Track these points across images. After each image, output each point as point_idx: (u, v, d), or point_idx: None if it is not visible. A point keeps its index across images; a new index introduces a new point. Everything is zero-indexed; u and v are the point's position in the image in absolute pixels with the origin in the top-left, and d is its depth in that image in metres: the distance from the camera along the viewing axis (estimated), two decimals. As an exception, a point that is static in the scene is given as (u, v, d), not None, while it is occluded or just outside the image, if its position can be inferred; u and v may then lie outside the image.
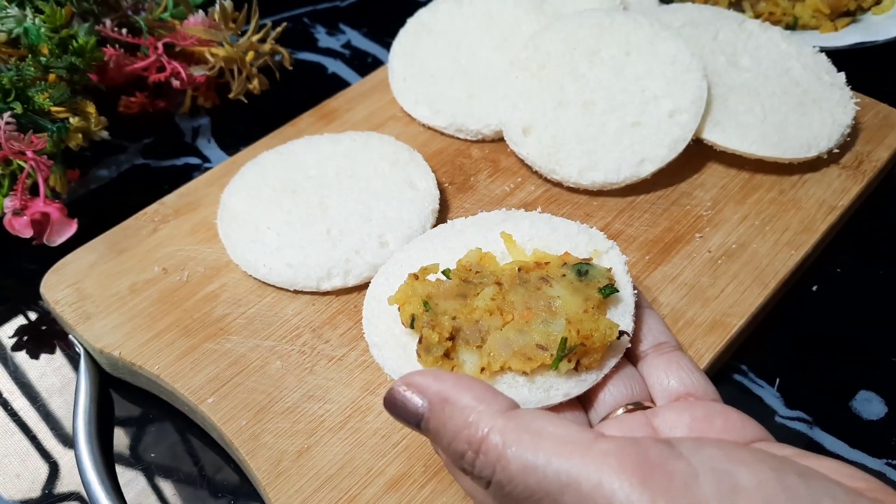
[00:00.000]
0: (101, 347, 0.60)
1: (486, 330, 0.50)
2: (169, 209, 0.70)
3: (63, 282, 0.65)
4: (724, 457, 0.34)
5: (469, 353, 0.49)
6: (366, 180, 0.69)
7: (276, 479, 0.53)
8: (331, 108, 0.80)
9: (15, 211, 0.68)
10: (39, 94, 0.71)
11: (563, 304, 0.50)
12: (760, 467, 0.34)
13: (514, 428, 0.36)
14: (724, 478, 0.33)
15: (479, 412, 0.37)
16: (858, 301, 0.69)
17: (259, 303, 0.64)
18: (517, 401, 0.45)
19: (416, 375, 0.41)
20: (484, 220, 0.60)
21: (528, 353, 0.48)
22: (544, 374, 0.49)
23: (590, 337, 0.48)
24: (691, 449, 0.35)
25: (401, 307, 0.52)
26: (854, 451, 0.60)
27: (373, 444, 0.55)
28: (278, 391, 0.58)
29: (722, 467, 0.33)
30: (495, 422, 0.37)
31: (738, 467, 0.33)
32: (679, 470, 0.33)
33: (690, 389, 0.49)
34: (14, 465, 0.60)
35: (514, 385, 0.49)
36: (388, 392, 0.41)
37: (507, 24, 0.82)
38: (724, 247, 0.67)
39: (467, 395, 0.38)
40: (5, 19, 0.74)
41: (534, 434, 0.36)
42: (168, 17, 0.83)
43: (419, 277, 0.53)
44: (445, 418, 0.38)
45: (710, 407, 0.46)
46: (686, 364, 0.51)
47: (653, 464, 0.33)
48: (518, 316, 0.50)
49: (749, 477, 0.33)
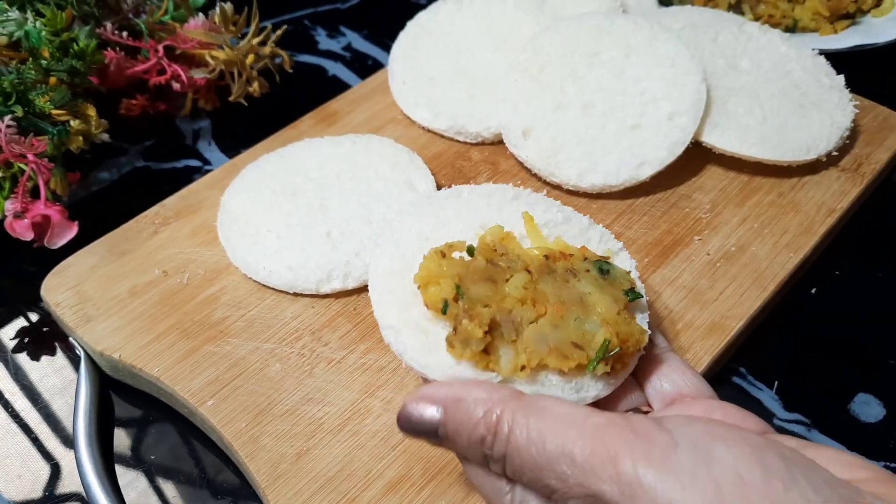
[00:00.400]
0: (101, 350, 0.61)
1: (520, 322, 0.47)
2: (169, 212, 0.70)
3: (64, 284, 0.65)
4: (708, 433, 0.37)
5: (504, 347, 0.47)
6: (366, 183, 0.69)
7: (276, 482, 0.53)
8: (331, 111, 0.80)
9: (16, 213, 0.68)
10: (40, 97, 0.71)
11: (596, 300, 0.49)
12: (741, 445, 0.36)
13: (523, 407, 0.40)
14: (703, 450, 0.36)
15: (492, 400, 0.41)
16: (857, 303, 0.69)
17: (259, 305, 0.64)
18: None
19: (423, 390, 0.44)
20: (493, 192, 0.58)
21: (564, 350, 0.47)
22: (579, 374, 0.48)
23: (627, 341, 0.47)
24: (678, 424, 0.38)
25: (425, 288, 0.49)
26: (852, 453, 0.60)
27: (372, 447, 0.55)
28: (278, 394, 0.58)
29: (703, 441, 0.36)
30: (507, 404, 0.40)
31: (719, 442, 0.36)
32: (661, 440, 0.36)
33: (683, 389, 0.49)
34: (15, 465, 0.60)
35: (547, 384, 0.48)
36: (400, 412, 0.44)
37: (506, 27, 0.82)
38: (723, 249, 0.67)
39: (477, 390, 0.42)
40: (6, 22, 0.75)
41: (538, 411, 0.39)
42: (169, 20, 0.83)
43: (446, 255, 0.49)
44: (462, 415, 0.42)
45: (707, 404, 0.47)
46: (678, 365, 0.51)
47: (638, 434, 0.37)
48: (552, 309, 0.48)
49: (726, 452, 0.36)
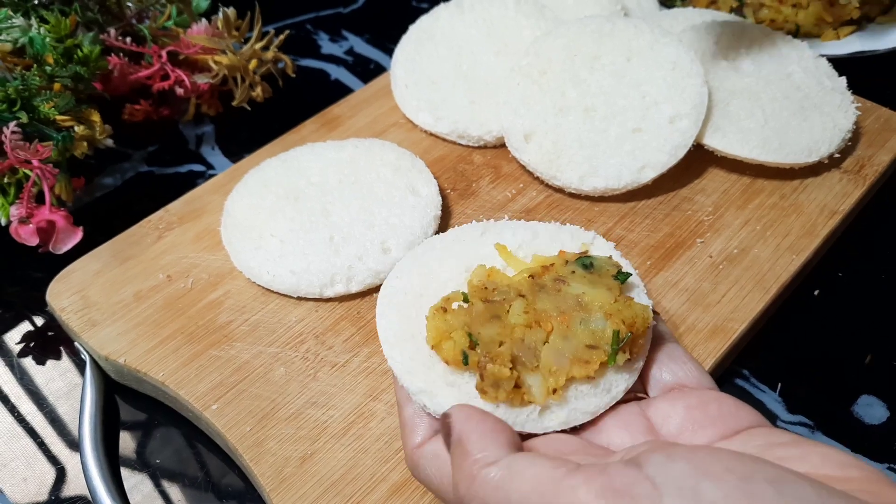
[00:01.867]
0: (106, 354, 0.61)
1: (535, 346, 0.48)
2: (173, 216, 0.71)
3: (68, 289, 0.65)
4: (692, 471, 0.35)
5: (531, 376, 0.48)
6: (368, 187, 0.69)
7: (280, 486, 0.53)
8: (333, 115, 0.80)
9: (21, 219, 0.68)
10: (45, 104, 0.71)
11: (591, 297, 0.50)
12: (728, 478, 0.34)
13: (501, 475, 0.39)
14: (689, 493, 0.34)
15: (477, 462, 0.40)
16: (860, 305, 0.69)
17: (263, 309, 0.64)
18: (590, 411, 0.48)
19: (454, 409, 0.44)
20: (462, 235, 0.58)
21: (582, 356, 0.48)
22: (603, 374, 0.49)
23: (634, 323, 0.48)
24: (659, 466, 0.36)
25: (439, 346, 0.49)
26: (856, 455, 0.60)
27: (376, 450, 0.55)
28: (282, 397, 0.58)
29: (687, 484, 0.34)
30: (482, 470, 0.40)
31: (704, 480, 0.34)
32: (644, 493, 0.34)
33: (683, 380, 0.49)
34: (21, 468, 0.60)
35: (580, 396, 0.48)
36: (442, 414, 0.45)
37: (508, 31, 0.82)
38: (725, 252, 0.67)
39: (478, 442, 0.41)
40: (10, 29, 0.75)
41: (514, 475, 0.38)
42: (172, 25, 0.83)
43: (447, 309, 0.50)
44: (459, 453, 0.42)
45: (704, 395, 0.47)
46: (678, 355, 0.51)
47: (618, 491, 0.35)
48: (556, 323, 0.49)
49: (713, 490, 0.34)
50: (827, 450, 0.39)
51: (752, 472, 0.35)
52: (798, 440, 0.40)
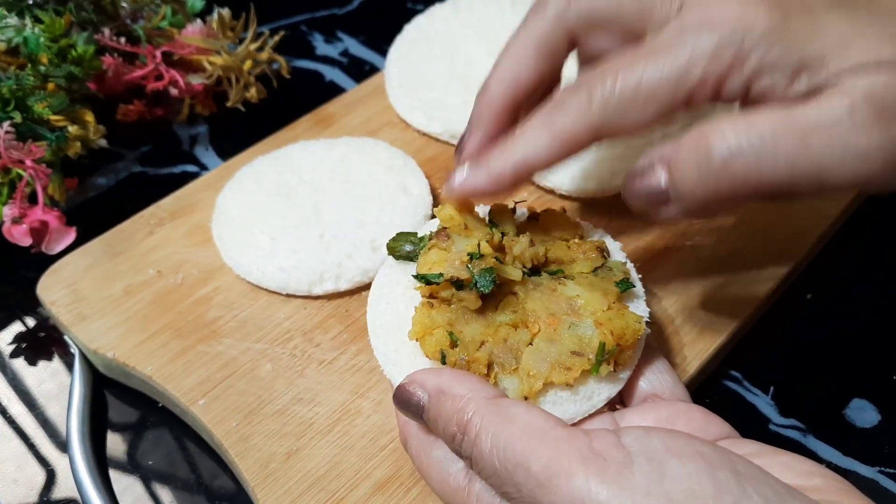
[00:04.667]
0: (95, 348, 0.61)
1: (518, 348, 0.48)
2: (165, 212, 0.71)
3: (59, 283, 0.65)
4: (664, 448, 0.37)
5: (508, 378, 0.47)
6: (360, 185, 0.70)
7: (265, 481, 0.53)
8: (327, 114, 0.81)
9: (14, 219, 0.68)
10: (38, 103, 0.72)
11: (585, 302, 0.49)
12: (696, 459, 0.36)
13: (493, 412, 0.41)
14: (657, 466, 0.36)
15: (467, 399, 0.42)
16: (852, 309, 0.69)
17: (252, 306, 0.64)
18: (567, 417, 0.47)
19: (419, 373, 0.45)
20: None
21: (565, 362, 0.47)
22: (584, 381, 0.48)
23: (623, 335, 0.47)
24: (636, 438, 0.38)
25: (422, 340, 0.49)
26: (847, 458, 0.60)
27: (361, 447, 0.55)
28: (269, 394, 0.58)
29: (658, 457, 0.36)
30: (479, 407, 0.41)
31: (673, 458, 0.36)
32: (617, 458, 0.37)
33: (658, 390, 0.49)
34: (11, 470, 0.60)
35: (558, 401, 0.48)
36: (396, 388, 0.46)
37: (503, 32, 0.81)
38: (714, 255, 0.67)
39: (460, 386, 0.43)
40: (5, 29, 0.75)
41: (506, 418, 0.40)
42: (166, 25, 0.84)
43: (434, 305, 0.50)
44: (441, 407, 0.43)
45: (674, 407, 0.47)
46: (658, 366, 0.51)
47: (595, 451, 0.37)
48: (544, 325, 0.48)
49: (680, 467, 0.36)
50: (790, 459, 0.41)
51: (720, 460, 0.37)
52: (762, 451, 0.41)
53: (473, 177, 0.50)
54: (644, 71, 0.45)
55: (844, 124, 0.41)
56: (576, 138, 0.47)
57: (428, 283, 0.49)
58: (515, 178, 0.49)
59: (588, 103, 0.46)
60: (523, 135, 0.49)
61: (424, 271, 0.50)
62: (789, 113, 0.42)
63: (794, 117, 0.42)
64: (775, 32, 0.43)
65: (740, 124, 0.43)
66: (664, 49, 0.45)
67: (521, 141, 0.49)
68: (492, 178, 0.49)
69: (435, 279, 0.49)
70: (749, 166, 0.42)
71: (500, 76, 0.55)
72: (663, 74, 0.44)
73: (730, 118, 0.43)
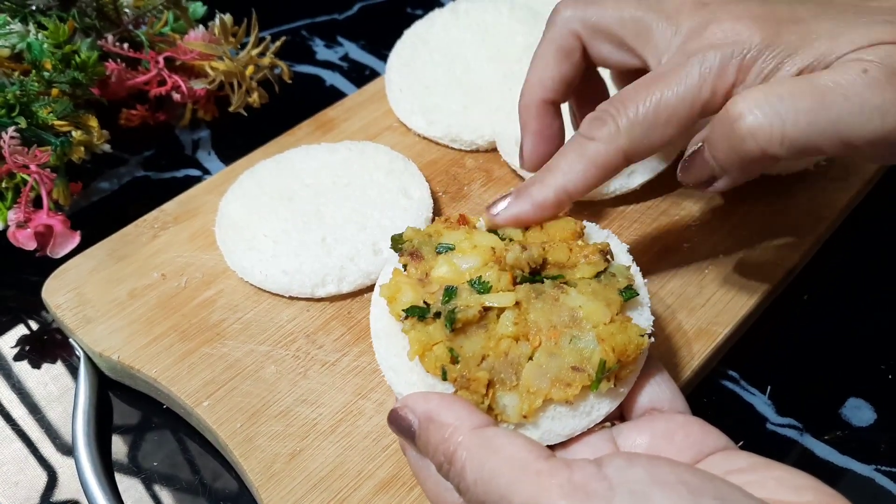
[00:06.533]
0: (100, 351, 0.62)
1: (518, 362, 0.47)
2: (168, 216, 0.72)
3: (64, 287, 0.66)
4: (647, 477, 0.36)
5: (508, 395, 0.47)
6: (361, 189, 0.70)
7: (269, 481, 0.54)
8: (328, 118, 0.81)
9: (19, 223, 0.69)
10: (43, 109, 0.72)
11: (587, 313, 0.48)
12: (678, 489, 0.36)
13: (478, 444, 0.41)
14: (639, 498, 0.36)
15: (454, 429, 0.42)
16: (848, 310, 0.70)
17: (255, 308, 0.65)
18: (565, 433, 0.47)
19: (410, 397, 0.46)
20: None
21: (564, 378, 0.46)
22: (584, 397, 0.47)
23: (625, 352, 0.46)
24: (619, 469, 0.37)
25: (423, 357, 0.48)
26: (844, 457, 0.61)
27: (364, 448, 0.56)
28: (272, 395, 0.59)
29: (640, 489, 0.36)
30: (464, 438, 0.41)
31: (656, 489, 0.36)
32: (598, 491, 0.36)
33: (657, 403, 0.49)
34: (13, 473, 0.61)
35: (557, 416, 0.47)
36: (390, 411, 0.46)
37: (501, 37, 0.83)
38: (711, 256, 0.67)
39: (448, 414, 0.43)
40: (9, 35, 0.76)
41: (490, 450, 0.40)
42: (169, 31, 0.84)
43: (428, 323, 0.48)
44: (429, 435, 0.43)
45: (672, 421, 0.47)
46: (657, 378, 0.50)
47: (576, 485, 0.37)
48: (545, 338, 0.47)
49: (663, 499, 0.35)
50: (783, 473, 0.40)
51: (704, 488, 0.36)
52: (755, 465, 0.42)
53: (517, 206, 0.53)
54: (661, 94, 0.50)
55: (859, 84, 0.45)
56: (609, 163, 0.52)
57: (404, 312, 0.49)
58: (557, 204, 0.53)
59: (616, 130, 0.51)
60: (560, 165, 0.53)
61: (385, 296, 0.50)
62: (805, 78, 0.46)
63: (811, 81, 0.46)
64: (771, 43, 0.48)
65: (760, 92, 0.47)
66: (675, 72, 0.50)
67: (559, 170, 0.53)
68: (535, 206, 0.53)
69: (404, 308, 0.49)
70: (773, 128, 0.46)
71: (529, 83, 0.61)
72: (678, 95, 0.50)
73: (751, 89, 0.47)
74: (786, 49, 0.48)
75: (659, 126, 0.51)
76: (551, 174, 0.53)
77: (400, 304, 0.49)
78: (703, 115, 0.51)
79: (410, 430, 0.44)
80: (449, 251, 0.51)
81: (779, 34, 0.48)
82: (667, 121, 0.50)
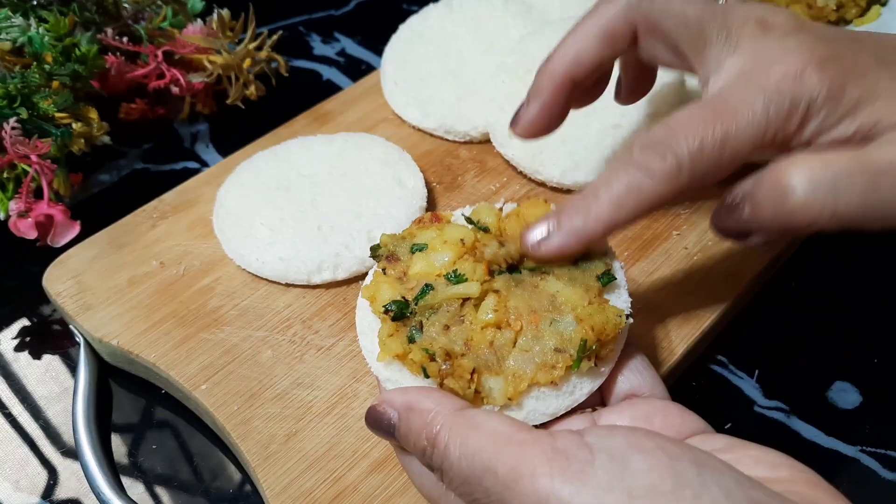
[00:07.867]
0: (100, 337, 0.63)
1: (501, 348, 0.47)
2: (167, 206, 0.73)
3: (65, 274, 0.67)
4: (626, 444, 0.38)
5: (493, 379, 0.47)
6: (356, 179, 0.71)
7: (266, 461, 0.55)
8: (325, 111, 0.82)
9: (20, 213, 0.70)
10: (44, 101, 0.73)
11: (565, 297, 0.48)
12: (657, 454, 0.37)
13: (459, 423, 0.41)
14: (619, 462, 0.37)
15: (435, 413, 0.43)
16: (834, 296, 0.71)
17: (252, 295, 0.66)
18: (549, 413, 0.47)
19: (387, 393, 0.46)
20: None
21: (548, 361, 0.46)
22: (567, 377, 0.47)
23: (603, 331, 0.47)
24: (599, 437, 0.39)
25: (402, 359, 0.47)
26: (830, 438, 0.62)
27: (358, 429, 0.57)
28: (269, 379, 0.60)
29: (619, 454, 0.37)
30: (446, 419, 0.42)
31: (635, 453, 0.37)
32: (579, 456, 0.37)
33: (637, 389, 0.50)
34: (13, 471, 0.62)
35: (541, 397, 0.47)
36: (368, 410, 0.47)
37: (495, 30, 0.84)
38: (700, 244, 0.69)
39: (427, 401, 0.44)
40: (10, 28, 0.77)
41: (472, 427, 0.41)
42: (167, 25, 0.85)
43: (398, 330, 0.48)
44: (410, 423, 0.44)
45: (651, 405, 0.48)
46: (637, 364, 0.51)
47: (558, 451, 0.38)
48: (526, 323, 0.48)
49: (641, 462, 0.37)
50: (759, 452, 0.41)
51: (682, 454, 0.37)
52: (732, 445, 0.42)
53: (561, 239, 0.50)
54: (727, 130, 0.47)
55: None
56: (665, 200, 0.48)
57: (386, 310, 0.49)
58: (602, 238, 0.51)
59: (678, 168, 0.47)
60: (610, 196, 0.48)
61: (367, 297, 0.50)
62: (858, 155, 0.45)
63: (864, 159, 0.45)
64: (835, 97, 0.46)
65: (817, 166, 0.45)
66: (741, 109, 0.47)
67: (610, 203, 0.48)
68: (581, 241, 0.49)
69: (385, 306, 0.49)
70: (825, 207, 0.45)
71: (563, 53, 0.56)
72: (746, 133, 0.47)
73: (804, 157, 0.46)
74: (846, 105, 0.46)
75: (723, 164, 0.47)
76: (599, 205, 0.48)
77: (381, 303, 0.49)
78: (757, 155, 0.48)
79: (390, 423, 0.45)
80: (422, 250, 0.51)
81: (843, 88, 0.46)
82: (731, 159, 0.47)
